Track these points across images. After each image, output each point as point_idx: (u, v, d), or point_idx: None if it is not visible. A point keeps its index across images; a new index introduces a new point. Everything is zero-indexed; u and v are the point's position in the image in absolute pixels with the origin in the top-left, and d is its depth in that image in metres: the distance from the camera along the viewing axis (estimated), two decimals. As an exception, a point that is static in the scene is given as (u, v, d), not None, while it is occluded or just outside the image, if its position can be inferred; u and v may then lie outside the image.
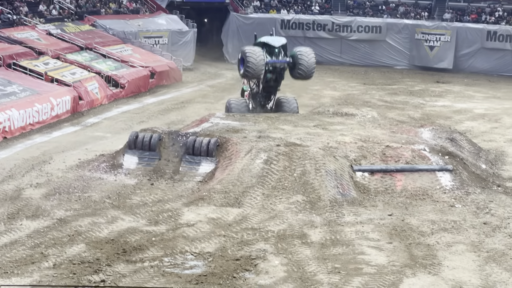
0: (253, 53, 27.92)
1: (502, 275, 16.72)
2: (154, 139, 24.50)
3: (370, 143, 24.68)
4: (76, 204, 20.75)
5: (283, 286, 15.56)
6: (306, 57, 29.10)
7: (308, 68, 29.18)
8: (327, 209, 20.68)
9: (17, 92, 32.16)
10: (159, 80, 43.60)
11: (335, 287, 15.63)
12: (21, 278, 15.74)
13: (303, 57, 29.03)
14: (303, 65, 29.03)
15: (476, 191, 22.66)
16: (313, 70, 29.45)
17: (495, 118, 36.38)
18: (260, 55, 27.95)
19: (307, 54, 29.27)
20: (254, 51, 28.10)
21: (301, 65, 29.01)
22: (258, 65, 27.80)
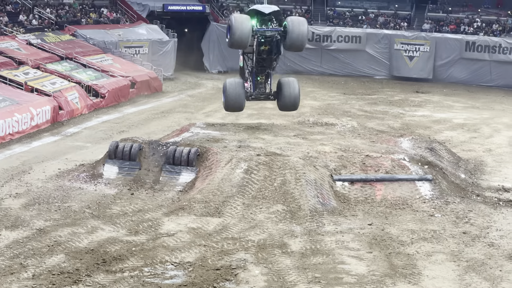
0: (238, 19, 25.44)
1: (481, 284, 16.80)
2: (135, 148, 24.46)
3: (350, 153, 24.74)
4: (55, 214, 20.66)
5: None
6: (297, 26, 25.98)
7: (299, 37, 26.08)
8: (307, 218, 20.70)
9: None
10: (139, 89, 43.55)
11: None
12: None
13: (294, 25, 25.94)
14: (294, 33, 25.92)
15: (455, 200, 22.76)
16: (304, 40, 26.49)
17: (474, 128, 36.57)
18: (246, 21, 25.38)
19: (298, 22, 26.17)
20: (241, 17, 25.81)
21: (293, 32, 25.95)
22: (243, 32, 25.15)
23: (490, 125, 37.42)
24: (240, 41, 25.34)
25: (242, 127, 28.99)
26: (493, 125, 37.50)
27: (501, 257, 18.56)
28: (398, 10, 60.84)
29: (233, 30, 25.16)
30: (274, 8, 26.88)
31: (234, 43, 25.62)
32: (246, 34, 25.30)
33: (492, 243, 19.50)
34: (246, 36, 25.37)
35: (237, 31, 25.11)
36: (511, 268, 17.84)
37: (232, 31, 25.22)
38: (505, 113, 41.71)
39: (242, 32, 25.15)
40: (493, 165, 28.63)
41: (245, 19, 25.55)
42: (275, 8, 26.93)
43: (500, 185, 25.41)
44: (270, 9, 26.74)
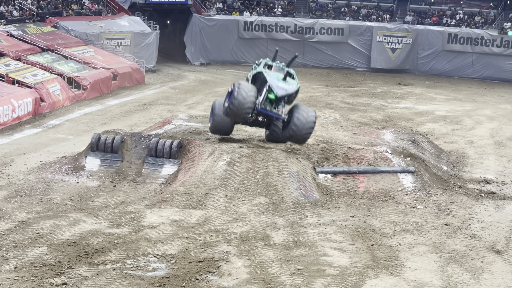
0: (243, 92, 22.43)
1: (463, 276, 16.86)
2: (117, 141, 24.40)
3: (333, 145, 24.77)
4: (37, 206, 20.59)
5: (246, 287, 15.55)
6: (303, 122, 22.73)
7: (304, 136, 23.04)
8: (289, 210, 20.71)
9: (-23, 94, 31.86)
10: (121, 81, 43.42)
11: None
12: (-19, 281, 15.58)
13: (300, 121, 22.67)
14: (300, 131, 22.77)
15: (437, 192, 22.83)
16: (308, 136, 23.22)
17: (456, 120, 36.69)
18: (250, 96, 22.43)
19: (307, 117, 22.81)
20: (246, 89, 22.54)
21: (298, 130, 22.73)
22: (244, 105, 22.34)
23: (472, 117, 37.55)
24: (238, 114, 22.67)
25: (224, 119, 28.94)
26: (475, 117, 37.64)
27: (482, 248, 18.64)
28: (380, 2, 60.92)
29: (233, 101, 22.45)
30: (290, 89, 23.27)
31: (230, 115, 23.04)
32: (247, 109, 22.58)
33: (474, 235, 19.58)
34: (246, 112, 22.67)
35: (238, 103, 22.41)
36: (492, 260, 17.92)
37: (232, 100, 22.51)
38: (487, 105, 41.88)
39: (243, 106, 22.44)
40: (475, 157, 28.74)
41: (250, 92, 22.56)
42: (291, 90, 23.30)
43: (482, 177, 25.52)
44: (284, 92, 23.14)
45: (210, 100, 38.66)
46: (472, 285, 16.41)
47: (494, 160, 28.43)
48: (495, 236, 19.61)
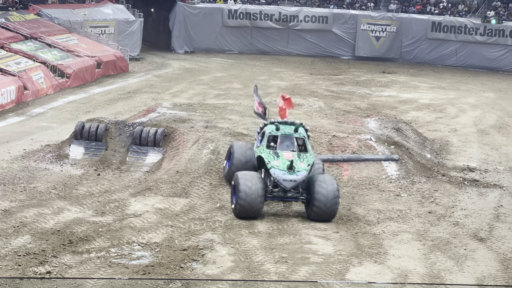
0: (248, 186, 18.88)
1: (446, 263, 16.94)
2: (101, 129, 24.34)
3: (317, 133, 24.80)
4: (21, 195, 20.52)
5: (231, 275, 15.57)
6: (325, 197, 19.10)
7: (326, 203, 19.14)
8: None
9: (-40, 82, 31.68)
10: (105, 70, 43.28)
11: (282, 277, 15.68)
12: (-35, 270, 15.53)
13: (320, 188, 19.19)
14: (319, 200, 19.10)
15: (421, 180, 22.91)
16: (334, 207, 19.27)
17: (440, 108, 36.79)
18: (258, 193, 18.82)
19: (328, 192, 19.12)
20: (249, 184, 18.91)
21: (317, 200, 19.10)
22: (253, 207, 18.95)
23: (455, 105, 37.66)
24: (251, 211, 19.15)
25: (209, 108, 28.94)
26: (459, 105, 37.75)
27: (465, 236, 18.73)
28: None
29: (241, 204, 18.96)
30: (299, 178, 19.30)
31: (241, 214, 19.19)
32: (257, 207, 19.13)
33: (457, 222, 19.67)
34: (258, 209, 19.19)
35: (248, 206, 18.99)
36: (475, 247, 18.01)
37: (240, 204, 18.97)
38: (471, 93, 42.01)
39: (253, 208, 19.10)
40: (458, 145, 28.84)
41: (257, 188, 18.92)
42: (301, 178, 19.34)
43: (465, 165, 25.61)
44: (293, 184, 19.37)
45: (194, 88, 38.65)
46: (455, 272, 16.49)
47: (477, 148, 28.54)
48: (478, 223, 19.71)
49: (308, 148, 20.02)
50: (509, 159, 26.84)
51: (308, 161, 19.59)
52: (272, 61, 50.66)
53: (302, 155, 19.68)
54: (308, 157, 19.70)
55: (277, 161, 19.45)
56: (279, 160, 19.46)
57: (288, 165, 19.26)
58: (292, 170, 19.24)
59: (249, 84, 39.45)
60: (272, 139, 20.24)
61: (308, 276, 15.83)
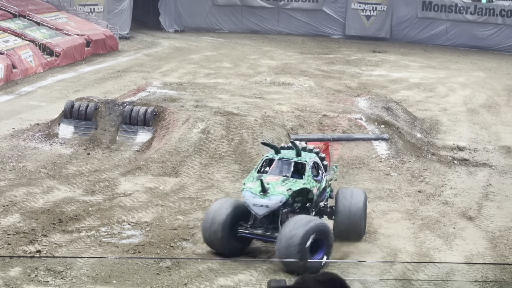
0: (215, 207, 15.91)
1: (435, 242, 17.02)
2: (91, 108, 24.28)
3: (307, 112, 24.80)
4: (10, 174, 20.49)
5: (221, 255, 15.59)
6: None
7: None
8: (264, 178, 20.71)
9: (-51, 60, 31.51)
10: (95, 48, 43.08)
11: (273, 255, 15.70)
12: (-46, 249, 15.53)
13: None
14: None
15: (411, 159, 22.96)
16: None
17: (430, 87, 36.79)
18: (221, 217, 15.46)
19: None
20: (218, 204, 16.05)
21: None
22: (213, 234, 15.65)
23: (445, 85, 37.67)
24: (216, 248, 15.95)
25: (199, 87, 28.88)
26: (449, 85, 37.76)
27: (454, 215, 18.81)
28: (355, -31, 60.74)
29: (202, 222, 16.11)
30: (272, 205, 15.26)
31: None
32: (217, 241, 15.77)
33: (446, 201, 19.75)
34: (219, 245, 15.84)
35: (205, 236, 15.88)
36: (464, 226, 18.10)
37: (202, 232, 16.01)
38: (461, 72, 42.02)
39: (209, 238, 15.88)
40: (448, 124, 28.87)
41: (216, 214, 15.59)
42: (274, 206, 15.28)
43: (455, 144, 25.66)
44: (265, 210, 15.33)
45: (184, 67, 38.54)
46: (445, 251, 16.57)
47: (467, 127, 28.58)
48: (467, 202, 19.78)
49: (307, 174, 15.87)
50: (498, 138, 26.90)
51: (293, 186, 15.49)
52: (263, 40, 50.56)
53: (290, 180, 15.63)
54: (297, 183, 15.60)
55: (253, 183, 15.59)
56: (257, 182, 15.54)
57: (260, 189, 15.19)
58: (264, 193, 15.07)
59: (239, 63, 39.39)
60: (267, 163, 16.46)
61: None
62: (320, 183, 16.15)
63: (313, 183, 15.92)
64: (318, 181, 16.06)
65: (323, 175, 16.39)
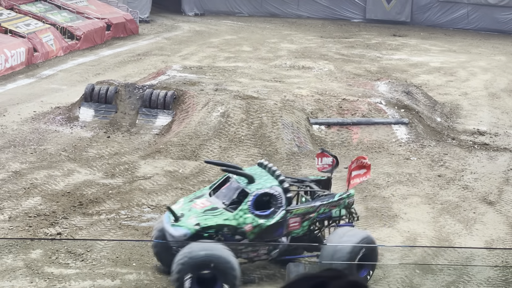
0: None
1: (455, 226, 16.98)
2: (111, 91, 24.34)
3: (327, 96, 24.76)
4: (31, 157, 20.60)
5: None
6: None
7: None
8: (283, 162, 20.76)
9: (-30, 44, 31.66)
10: (115, 32, 43.15)
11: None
12: (-24, 231, 15.65)
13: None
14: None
15: (431, 144, 22.89)
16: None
17: (451, 71, 36.62)
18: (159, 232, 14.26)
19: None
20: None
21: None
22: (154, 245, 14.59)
23: (466, 69, 37.48)
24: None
25: (219, 70, 28.88)
26: (470, 69, 37.57)
27: (474, 199, 18.75)
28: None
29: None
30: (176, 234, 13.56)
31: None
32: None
33: (466, 186, 19.68)
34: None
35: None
36: (484, 210, 18.04)
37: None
38: (482, 56, 41.78)
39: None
40: (468, 108, 28.74)
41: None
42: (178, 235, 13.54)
43: (475, 128, 25.55)
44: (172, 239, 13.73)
45: (204, 51, 38.55)
46: (464, 236, 16.53)
47: (487, 112, 28.44)
48: (487, 187, 19.72)
49: (240, 207, 13.65)
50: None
51: (207, 221, 13.48)
52: (282, 24, 50.44)
53: (217, 211, 13.66)
54: (218, 217, 13.55)
55: (179, 204, 14.28)
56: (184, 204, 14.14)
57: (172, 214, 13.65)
58: (176, 221, 13.59)
59: (259, 47, 39.34)
60: (227, 181, 14.56)
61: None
62: (267, 218, 13.72)
63: (247, 219, 13.58)
64: (261, 217, 13.68)
65: (280, 209, 13.84)
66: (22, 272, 14.06)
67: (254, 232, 13.70)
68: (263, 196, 13.87)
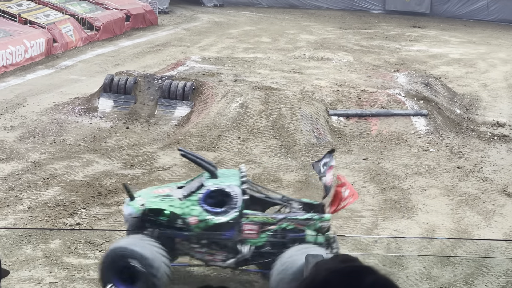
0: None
1: (474, 218, 16.92)
2: (130, 82, 24.39)
3: (346, 88, 24.71)
4: (51, 147, 20.69)
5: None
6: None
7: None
8: (302, 153, 20.75)
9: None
10: (134, 23, 43.23)
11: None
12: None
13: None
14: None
15: (450, 135, 22.81)
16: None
17: (470, 63, 36.46)
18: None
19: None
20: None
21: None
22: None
23: (486, 60, 37.30)
24: None
25: (237, 61, 28.87)
26: (489, 60, 37.39)
27: (494, 191, 18.68)
28: None
29: None
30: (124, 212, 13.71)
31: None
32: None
33: (486, 178, 19.61)
34: None
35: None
36: (503, 202, 17.97)
37: None
38: (501, 48, 41.56)
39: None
40: (488, 100, 28.62)
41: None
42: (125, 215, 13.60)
43: (495, 120, 25.44)
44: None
45: (223, 41, 38.55)
46: (483, 228, 16.48)
47: (507, 103, 28.30)
48: (507, 179, 19.63)
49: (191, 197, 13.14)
50: (539, 115, 26.62)
51: (152, 204, 13.19)
52: (302, 15, 50.35)
53: (169, 198, 13.29)
54: (165, 203, 13.16)
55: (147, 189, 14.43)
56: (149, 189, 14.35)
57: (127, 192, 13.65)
58: (130, 201, 13.46)
59: (278, 38, 39.30)
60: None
61: (335, 230, 15.87)
62: (217, 216, 12.96)
63: (193, 210, 12.98)
64: (210, 212, 12.98)
65: (233, 210, 12.96)
66: (41, 262, 14.13)
67: (199, 227, 12.95)
68: (218, 193, 13.12)
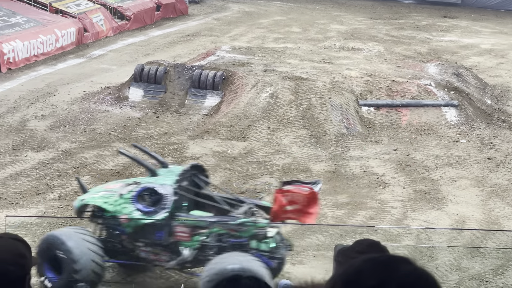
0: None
1: (504, 209, 16.82)
2: (160, 71, 24.45)
3: (376, 78, 24.61)
4: (81, 136, 20.80)
5: (288, 219, 15.64)
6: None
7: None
8: (332, 143, 20.72)
9: (21, 23, 31.97)
10: (165, 12, 43.30)
11: (339, 221, 15.73)
12: (26, 209, 15.87)
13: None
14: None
15: (481, 126, 22.66)
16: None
17: (502, 53, 36.18)
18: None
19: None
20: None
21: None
22: None
23: (518, 51, 36.99)
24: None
25: (268, 51, 28.84)
26: (521, 51, 37.08)
27: (525, 183, 18.56)
28: None
29: None
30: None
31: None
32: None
33: (517, 169, 19.49)
34: None
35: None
36: (535, 194, 17.84)
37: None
38: (534, 38, 41.20)
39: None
40: (520, 91, 28.40)
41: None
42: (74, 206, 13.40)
43: (527, 111, 25.26)
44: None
45: (253, 31, 38.54)
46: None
47: (539, 95, 28.08)
48: (538, 171, 19.49)
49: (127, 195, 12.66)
50: None
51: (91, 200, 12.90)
52: (332, 5, 50.19)
53: (110, 195, 12.77)
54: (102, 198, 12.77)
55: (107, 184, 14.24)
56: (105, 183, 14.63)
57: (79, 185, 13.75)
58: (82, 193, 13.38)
59: (308, 28, 39.22)
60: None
61: (365, 221, 15.85)
62: (147, 215, 12.54)
63: (125, 209, 12.55)
64: (140, 212, 12.55)
65: (162, 210, 12.41)
66: (72, 250, 14.19)
67: (130, 226, 12.55)
68: (151, 192, 12.67)
